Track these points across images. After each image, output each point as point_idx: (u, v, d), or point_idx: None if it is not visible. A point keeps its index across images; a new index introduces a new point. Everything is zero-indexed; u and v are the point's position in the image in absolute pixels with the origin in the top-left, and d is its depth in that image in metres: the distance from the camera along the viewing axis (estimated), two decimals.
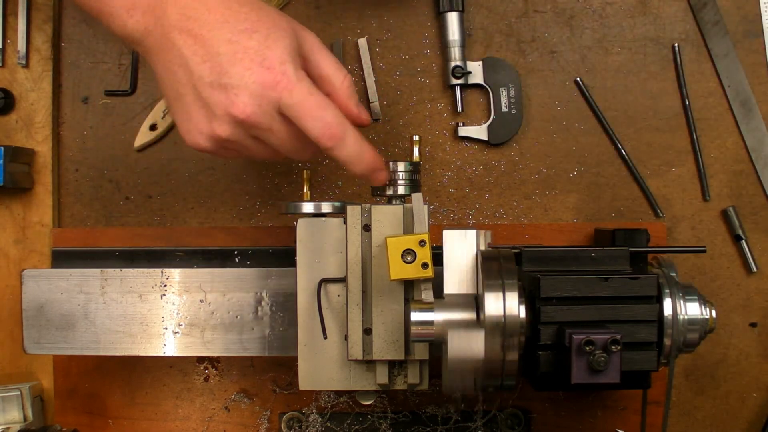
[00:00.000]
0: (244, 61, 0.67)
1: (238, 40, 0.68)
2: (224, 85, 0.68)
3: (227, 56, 0.67)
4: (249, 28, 0.68)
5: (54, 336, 0.83)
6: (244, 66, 0.67)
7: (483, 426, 0.90)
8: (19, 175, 0.90)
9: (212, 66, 0.68)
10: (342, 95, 0.74)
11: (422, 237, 0.71)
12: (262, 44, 0.68)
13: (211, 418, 0.93)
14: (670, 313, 0.71)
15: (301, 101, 0.68)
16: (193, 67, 0.68)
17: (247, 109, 0.68)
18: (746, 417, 0.93)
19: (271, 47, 0.68)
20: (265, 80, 0.67)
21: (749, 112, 0.92)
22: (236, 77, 0.67)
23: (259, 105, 0.68)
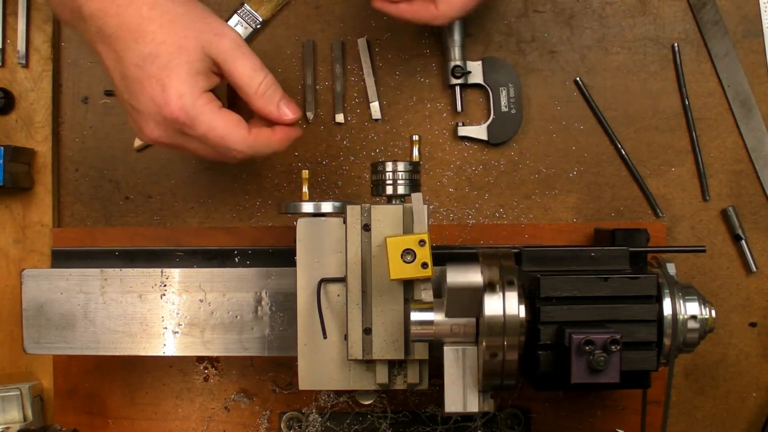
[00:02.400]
0: (147, 90, 0.70)
1: (144, 66, 0.70)
2: (136, 109, 0.72)
3: (135, 81, 0.70)
4: (152, 53, 0.70)
5: (54, 336, 0.83)
6: (147, 95, 0.70)
7: (483, 426, 0.90)
8: (19, 175, 0.90)
9: (126, 86, 0.72)
10: (258, 102, 0.74)
11: (422, 237, 0.71)
12: (163, 72, 0.70)
13: (211, 417, 0.93)
14: (670, 313, 0.71)
15: (203, 134, 0.72)
16: (116, 80, 0.73)
17: (155, 133, 0.73)
18: (746, 417, 0.93)
19: (170, 76, 0.70)
20: (165, 115, 0.70)
21: (749, 112, 0.92)
22: (143, 104, 0.71)
23: (164, 132, 0.72)
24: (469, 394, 0.72)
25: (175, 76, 0.70)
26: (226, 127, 0.72)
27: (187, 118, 0.70)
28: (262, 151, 0.75)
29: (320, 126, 0.94)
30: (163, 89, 0.70)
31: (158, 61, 0.70)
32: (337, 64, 0.93)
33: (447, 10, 0.78)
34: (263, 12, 0.93)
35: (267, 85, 0.74)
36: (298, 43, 0.94)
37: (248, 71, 0.73)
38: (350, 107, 0.94)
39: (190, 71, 0.70)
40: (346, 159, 0.94)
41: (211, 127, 0.71)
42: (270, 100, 0.74)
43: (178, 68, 0.70)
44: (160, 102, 0.70)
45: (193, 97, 0.70)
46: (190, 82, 0.70)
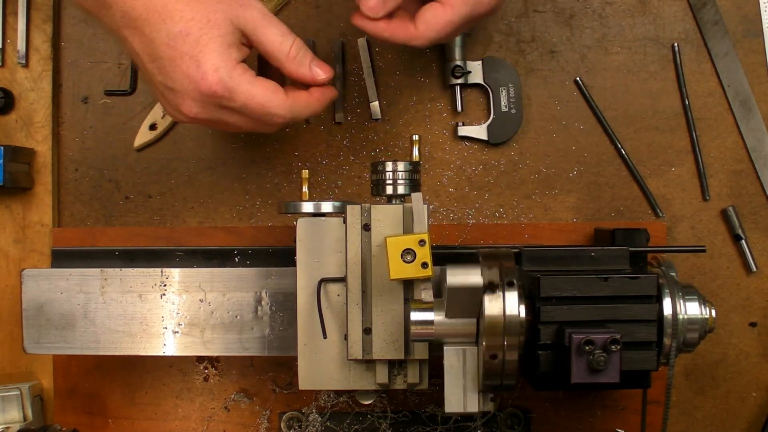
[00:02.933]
0: (181, 68, 0.71)
1: (175, 44, 0.71)
2: (171, 88, 0.73)
3: (168, 60, 0.71)
4: (182, 30, 0.70)
5: (54, 336, 0.83)
6: (182, 73, 0.71)
7: (483, 426, 0.90)
8: (19, 175, 0.90)
9: (158, 68, 0.72)
10: (290, 66, 0.75)
11: (422, 237, 0.71)
12: (195, 48, 0.71)
13: (211, 417, 0.93)
14: (670, 313, 0.71)
15: (243, 104, 0.73)
16: (146, 64, 0.73)
17: (193, 110, 0.73)
18: (746, 417, 0.93)
19: (203, 51, 0.71)
20: (202, 90, 0.71)
21: (749, 112, 0.92)
22: (178, 83, 0.72)
23: (203, 108, 0.73)
24: (469, 394, 0.73)
25: (209, 51, 0.71)
26: (265, 93, 0.73)
27: (226, 90, 0.71)
28: (301, 112, 0.76)
29: (320, 126, 0.94)
30: (198, 65, 0.71)
31: (189, 38, 0.70)
32: (337, 64, 0.93)
33: (425, 31, 0.77)
34: None
35: (297, 48, 0.75)
36: None
37: (278, 37, 0.74)
38: (350, 107, 0.94)
39: (222, 44, 0.71)
40: (346, 159, 0.94)
41: (251, 95, 0.72)
42: (302, 62, 0.75)
43: (210, 43, 0.71)
44: (196, 77, 0.71)
45: (229, 68, 0.71)
46: (224, 54, 0.71)
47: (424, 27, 0.77)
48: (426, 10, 0.77)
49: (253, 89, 0.73)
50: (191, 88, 0.71)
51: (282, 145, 0.94)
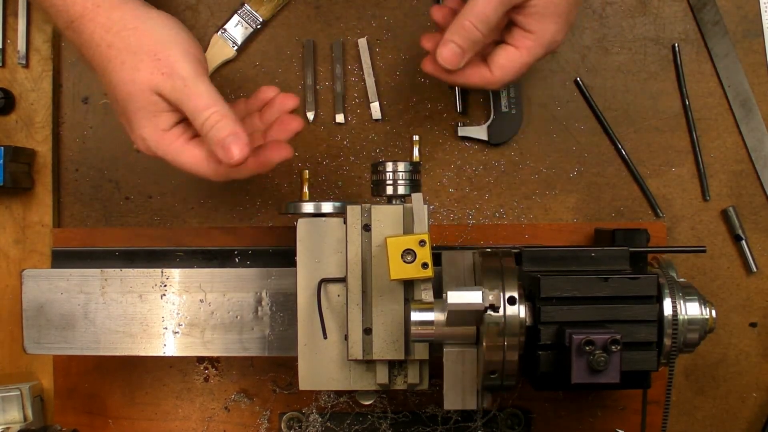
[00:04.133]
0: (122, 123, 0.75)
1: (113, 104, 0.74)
2: None
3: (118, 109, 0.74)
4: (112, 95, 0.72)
5: (54, 336, 0.83)
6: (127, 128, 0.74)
7: (483, 426, 0.90)
8: (19, 175, 0.90)
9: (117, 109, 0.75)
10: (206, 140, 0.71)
11: (422, 237, 0.71)
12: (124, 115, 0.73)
13: (211, 418, 0.93)
14: (670, 313, 0.71)
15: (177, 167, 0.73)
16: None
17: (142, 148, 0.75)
18: (746, 417, 0.93)
19: (132, 119, 0.72)
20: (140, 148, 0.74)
21: (749, 112, 0.92)
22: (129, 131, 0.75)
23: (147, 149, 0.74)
24: (469, 394, 0.73)
25: (135, 121, 0.72)
26: (195, 163, 0.73)
27: (156, 156, 0.73)
28: (239, 176, 0.74)
29: (320, 126, 0.94)
30: (131, 130, 0.73)
31: (118, 106, 0.73)
32: (337, 64, 0.93)
33: (501, 76, 0.76)
34: (263, 12, 0.93)
35: (210, 124, 0.70)
36: (298, 43, 0.94)
37: (192, 112, 0.70)
38: (350, 107, 0.94)
39: (146, 115, 0.71)
40: (347, 159, 0.94)
41: (179, 163, 0.73)
42: (212, 139, 0.70)
43: (134, 114, 0.71)
44: (132, 139, 0.74)
45: (155, 140, 0.72)
46: (149, 125, 0.72)
47: (500, 72, 0.76)
48: (500, 55, 0.76)
49: (180, 158, 0.73)
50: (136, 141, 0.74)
51: None
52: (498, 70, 0.76)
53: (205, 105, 0.70)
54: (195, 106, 0.70)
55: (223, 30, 0.93)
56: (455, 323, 0.70)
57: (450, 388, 0.73)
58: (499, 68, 0.76)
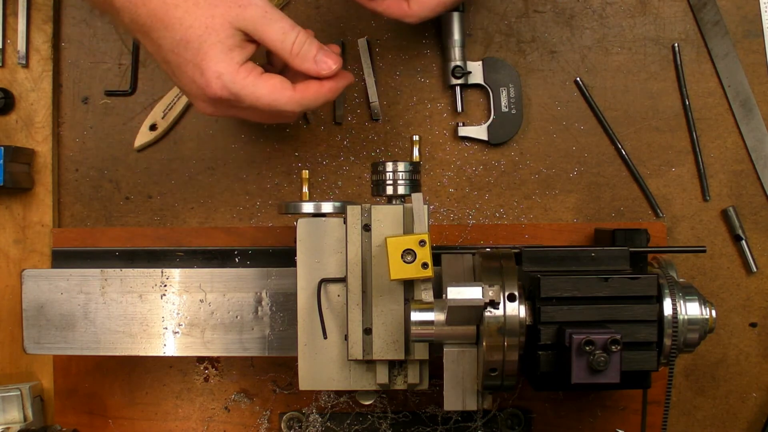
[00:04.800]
0: (187, 74, 0.73)
1: (178, 52, 0.72)
2: (183, 89, 0.75)
3: (175, 66, 0.73)
4: (183, 38, 0.71)
5: (54, 336, 0.83)
6: (188, 79, 0.73)
7: (483, 426, 0.90)
8: (19, 175, 0.90)
9: (168, 69, 0.75)
10: (294, 62, 0.75)
11: (422, 237, 0.71)
12: (197, 56, 0.72)
13: (211, 418, 0.93)
14: (670, 313, 0.71)
15: (250, 105, 0.74)
16: (160, 63, 0.75)
17: (207, 110, 0.76)
18: (746, 417, 0.93)
19: (204, 59, 0.71)
20: (209, 95, 0.73)
21: (749, 112, 0.92)
22: (187, 88, 0.74)
23: (215, 108, 0.76)
24: (469, 394, 0.73)
25: (210, 58, 0.71)
26: (271, 93, 0.73)
27: (231, 95, 0.72)
28: (312, 104, 0.76)
29: (320, 126, 0.94)
30: (201, 72, 0.72)
31: (190, 46, 0.71)
32: None
33: (418, 10, 0.80)
34: None
35: (300, 43, 0.74)
36: None
37: (279, 35, 0.74)
38: (350, 107, 0.94)
39: (223, 49, 0.72)
40: (347, 159, 0.94)
41: (256, 97, 0.73)
42: (305, 57, 0.75)
43: (211, 49, 0.71)
44: (201, 84, 0.72)
45: (232, 73, 0.72)
46: (226, 60, 0.72)
47: (418, 6, 0.79)
48: None
49: (257, 91, 0.73)
50: (199, 93, 0.73)
51: (282, 145, 0.94)
52: (415, 4, 0.79)
53: (290, 26, 0.74)
54: (280, 28, 0.73)
55: None
56: (455, 321, 0.70)
57: (450, 388, 0.73)
58: (417, 3, 0.79)
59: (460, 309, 0.67)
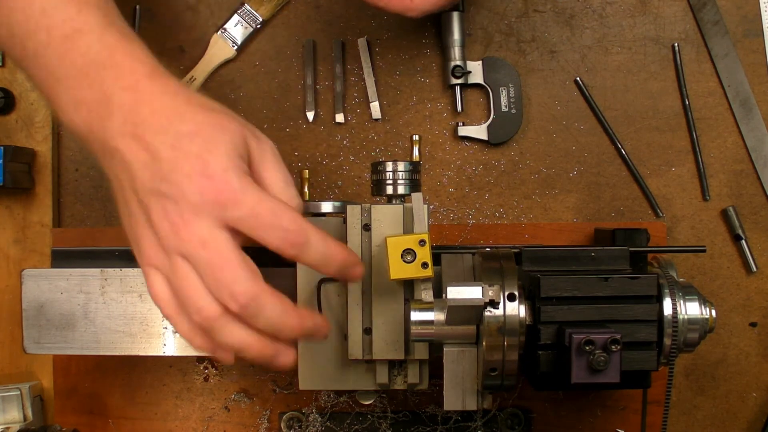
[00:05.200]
0: (184, 169, 0.61)
1: (180, 145, 0.61)
2: (162, 194, 0.61)
3: (168, 162, 0.61)
4: (192, 131, 0.61)
5: (54, 336, 0.83)
6: (184, 174, 0.60)
7: (483, 426, 0.90)
8: (19, 175, 0.90)
9: (154, 172, 0.61)
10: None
11: (422, 237, 0.71)
12: (204, 148, 0.61)
13: (211, 417, 0.93)
14: (670, 313, 0.71)
15: (251, 212, 0.61)
16: (136, 173, 0.62)
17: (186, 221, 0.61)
18: (746, 417, 0.93)
19: (212, 152, 0.61)
20: (205, 192, 0.60)
21: (749, 112, 0.92)
22: (175, 186, 0.61)
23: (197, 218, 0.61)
24: (469, 393, 0.73)
25: (219, 153, 0.61)
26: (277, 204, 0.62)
27: (232, 192, 0.60)
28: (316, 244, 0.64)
29: (320, 126, 0.94)
30: (205, 165, 0.61)
31: (198, 139, 0.61)
32: (337, 64, 0.93)
33: (420, 4, 0.79)
34: (263, 12, 0.93)
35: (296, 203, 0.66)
36: (298, 43, 0.94)
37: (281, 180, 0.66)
38: (350, 107, 0.94)
39: (234, 150, 0.62)
40: (346, 159, 0.94)
41: (261, 200, 0.61)
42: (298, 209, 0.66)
43: (221, 145, 0.62)
44: (200, 178, 0.60)
45: (239, 172, 0.61)
46: (235, 160, 0.62)
47: (420, 0, 0.78)
48: None
49: (264, 197, 0.62)
50: (191, 190, 0.60)
51: (282, 145, 0.94)
52: None
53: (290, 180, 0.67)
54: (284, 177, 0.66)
55: (223, 30, 0.93)
56: (455, 321, 0.70)
57: (450, 388, 0.73)
58: None
59: (460, 309, 0.67)
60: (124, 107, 0.62)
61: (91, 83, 0.62)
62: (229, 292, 0.61)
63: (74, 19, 0.63)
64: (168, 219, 0.61)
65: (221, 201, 0.60)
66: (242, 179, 0.61)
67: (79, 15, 0.63)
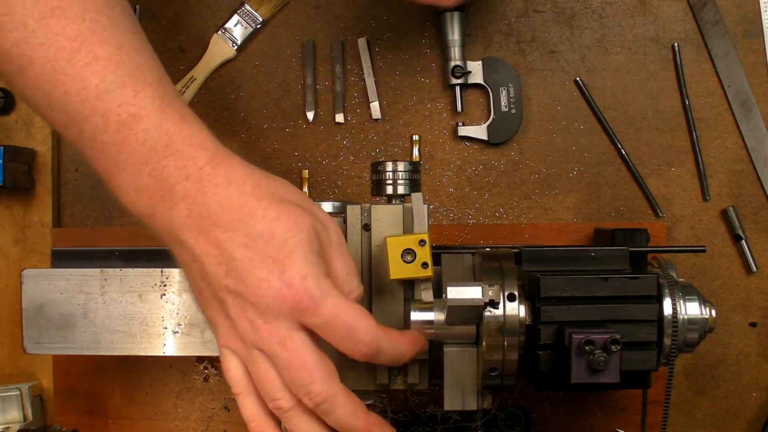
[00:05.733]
0: (261, 272, 0.59)
1: (255, 246, 0.59)
2: (239, 294, 0.60)
3: (243, 263, 0.59)
4: (266, 231, 0.59)
5: (54, 336, 0.83)
6: (260, 278, 0.59)
7: (483, 426, 0.90)
8: (19, 175, 0.90)
9: (228, 270, 0.60)
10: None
11: (422, 237, 0.71)
12: (281, 252, 0.59)
13: (211, 417, 0.93)
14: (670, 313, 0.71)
15: (327, 322, 0.61)
16: (208, 268, 0.61)
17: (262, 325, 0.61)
18: (746, 417, 0.93)
19: (290, 256, 0.59)
20: (285, 298, 0.59)
21: (749, 112, 0.92)
22: (253, 289, 0.60)
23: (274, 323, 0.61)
24: (469, 393, 0.73)
25: (296, 256, 0.59)
26: (355, 312, 0.61)
27: (312, 301, 0.59)
28: (387, 350, 0.64)
29: (320, 126, 0.94)
30: (282, 270, 0.59)
31: (273, 241, 0.59)
32: (337, 64, 0.93)
33: None
34: (263, 12, 0.93)
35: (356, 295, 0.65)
36: (298, 43, 0.94)
37: (344, 272, 0.64)
38: (350, 107, 0.94)
39: (311, 250, 0.60)
40: (346, 159, 0.94)
41: (338, 311, 0.60)
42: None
43: (298, 248, 0.60)
44: (277, 284, 0.59)
45: (318, 277, 0.60)
46: (313, 262, 0.60)
47: None
48: None
49: (342, 304, 0.61)
50: (269, 295, 0.59)
51: (282, 145, 0.94)
52: None
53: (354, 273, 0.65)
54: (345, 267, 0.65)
55: (223, 29, 0.93)
56: (455, 321, 0.70)
57: (450, 388, 0.73)
58: None
59: (460, 309, 0.67)
60: (188, 198, 0.60)
61: (151, 171, 0.60)
62: (306, 390, 0.61)
63: (131, 104, 0.59)
64: (246, 317, 0.61)
65: (300, 309, 0.60)
66: (321, 286, 0.60)
67: (135, 98, 0.59)
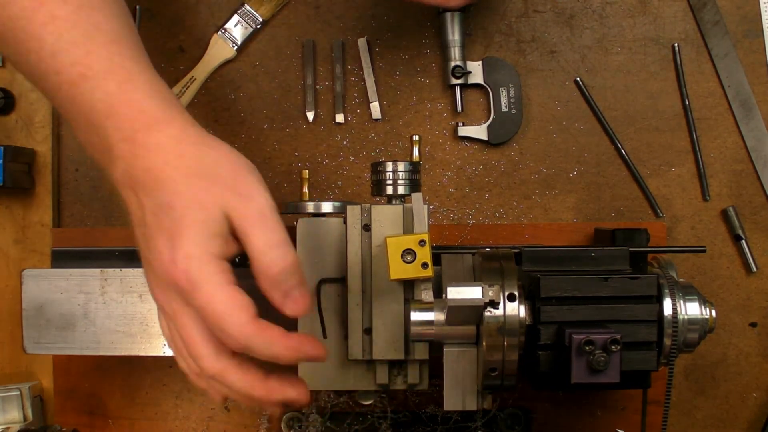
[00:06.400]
0: (157, 243, 0.61)
1: (158, 215, 0.61)
2: (146, 258, 0.64)
3: (151, 229, 0.62)
4: (168, 203, 0.61)
5: (54, 336, 0.83)
6: (157, 249, 0.61)
7: (483, 426, 0.90)
8: (19, 175, 0.90)
9: (142, 235, 0.63)
10: (264, 282, 0.63)
11: (422, 237, 0.71)
12: (176, 226, 0.61)
13: (212, 418, 0.93)
14: (670, 313, 0.71)
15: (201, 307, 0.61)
16: (133, 221, 0.64)
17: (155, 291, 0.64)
18: (746, 417, 0.93)
19: (182, 232, 0.60)
20: (166, 274, 0.61)
21: (749, 112, 0.92)
22: (152, 256, 0.62)
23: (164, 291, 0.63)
24: (469, 394, 0.73)
25: (187, 234, 0.60)
26: (227, 304, 0.60)
27: (188, 284, 0.60)
28: (259, 348, 0.61)
29: (320, 126, 0.94)
30: (172, 246, 0.61)
31: (172, 213, 0.61)
32: (337, 64, 0.93)
33: None
34: (263, 12, 0.93)
35: (280, 265, 0.62)
36: (298, 43, 0.94)
37: (263, 243, 0.62)
38: (350, 107, 0.94)
39: (204, 231, 0.61)
40: (346, 159, 0.94)
41: (211, 300, 0.60)
42: (277, 284, 0.63)
43: (191, 226, 0.61)
44: (166, 258, 0.61)
45: (202, 261, 0.60)
46: (203, 244, 0.61)
47: None
48: None
49: (217, 294, 0.60)
50: (161, 268, 0.61)
51: (282, 145, 0.94)
52: None
53: (281, 242, 0.63)
54: (270, 239, 0.62)
55: (223, 30, 0.93)
56: (455, 321, 0.70)
57: (450, 388, 0.73)
58: None
59: (460, 309, 0.67)
60: (123, 159, 0.62)
61: (96, 130, 0.63)
62: (198, 364, 0.64)
63: (81, 63, 0.62)
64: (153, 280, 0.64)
65: (179, 288, 0.61)
66: (202, 270, 0.60)
67: (85, 58, 0.62)
